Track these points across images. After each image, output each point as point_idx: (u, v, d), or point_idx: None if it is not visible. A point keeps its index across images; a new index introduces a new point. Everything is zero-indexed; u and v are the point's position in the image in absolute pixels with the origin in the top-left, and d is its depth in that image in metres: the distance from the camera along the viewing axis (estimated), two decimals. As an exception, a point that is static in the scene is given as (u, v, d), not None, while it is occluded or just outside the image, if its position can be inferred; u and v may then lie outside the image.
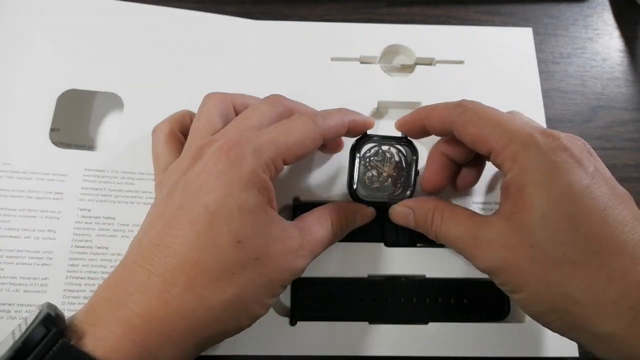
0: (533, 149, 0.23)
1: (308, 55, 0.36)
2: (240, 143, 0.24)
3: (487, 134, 0.24)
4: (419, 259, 0.31)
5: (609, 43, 0.40)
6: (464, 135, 0.25)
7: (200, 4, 0.37)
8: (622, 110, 0.38)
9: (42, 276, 0.30)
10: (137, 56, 0.35)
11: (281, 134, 0.25)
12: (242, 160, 0.23)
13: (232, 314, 0.23)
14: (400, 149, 0.30)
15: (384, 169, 0.30)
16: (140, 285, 0.22)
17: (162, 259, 0.22)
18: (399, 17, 0.40)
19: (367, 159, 0.30)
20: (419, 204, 0.28)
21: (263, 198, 0.24)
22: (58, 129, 0.34)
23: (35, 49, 0.35)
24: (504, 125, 0.24)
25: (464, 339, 0.30)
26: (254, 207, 0.23)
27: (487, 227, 0.24)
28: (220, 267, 0.22)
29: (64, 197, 0.31)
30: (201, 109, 0.28)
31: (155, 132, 0.30)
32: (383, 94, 0.36)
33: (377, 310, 0.30)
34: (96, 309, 0.22)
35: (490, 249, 0.23)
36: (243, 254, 0.22)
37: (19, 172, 0.31)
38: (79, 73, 0.34)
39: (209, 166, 0.23)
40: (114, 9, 0.36)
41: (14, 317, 0.29)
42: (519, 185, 0.23)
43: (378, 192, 0.30)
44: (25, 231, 0.30)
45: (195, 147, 0.25)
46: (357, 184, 0.29)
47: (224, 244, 0.22)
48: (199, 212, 0.22)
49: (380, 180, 0.30)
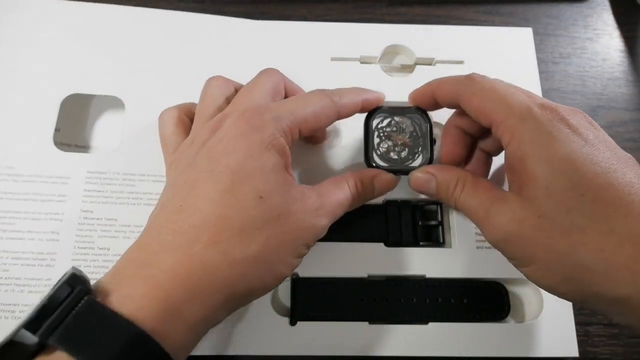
0: (530, 121, 0.23)
1: (308, 55, 0.36)
2: (261, 111, 0.25)
3: (489, 106, 0.24)
4: (419, 259, 0.31)
5: (609, 43, 0.40)
6: (468, 107, 0.26)
7: (200, 4, 0.37)
8: (622, 110, 0.38)
9: (46, 277, 0.30)
10: (138, 59, 0.35)
11: (300, 106, 0.26)
12: (264, 125, 0.24)
13: (256, 271, 0.23)
14: (413, 118, 0.30)
15: (399, 138, 0.30)
16: (165, 244, 0.22)
17: (186, 218, 0.22)
18: (399, 17, 0.40)
19: (380, 130, 0.30)
20: (443, 171, 0.27)
21: (282, 161, 0.25)
22: (58, 129, 0.34)
23: (39, 53, 0.35)
24: (505, 98, 0.24)
25: (464, 339, 0.30)
26: (274, 167, 0.24)
27: (499, 201, 0.24)
28: (243, 223, 0.22)
29: (67, 199, 0.31)
30: (205, 91, 0.29)
31: (163, 117, 0.30)
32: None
33: (377, 310, 0.30)
34: (121, 270, 0.22)
35: (499, 221, 0.23)
36: (265, 210, 0.23)
37: (24, 176, 0.32)
38: (82, 77, 0.35)
39: (230, 132, 0.24)
40: (115, 13, 0.37)
41: (18, 317, 0.29)
42: (519, 158, 0.23)
43: (396, 163, 0.30)
44: (30, 233, 0.31)
45: (213, 121, 0.26)
46: (373, 154, 0.29)
47: (247, 200, 0.23)
48: (221, 171, 0.23)
49: (397, 151, 0.30)
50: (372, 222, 0.32)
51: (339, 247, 0.31)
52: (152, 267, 0.21)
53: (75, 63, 0.35)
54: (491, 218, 0.24)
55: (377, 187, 0.29)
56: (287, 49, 0.37)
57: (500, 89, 0.25)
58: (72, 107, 0.35)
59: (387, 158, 0.30)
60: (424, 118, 0.30)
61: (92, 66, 0.35)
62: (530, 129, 0.23)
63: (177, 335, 0.21)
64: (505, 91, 0.24)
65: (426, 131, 0.30)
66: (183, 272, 0.21)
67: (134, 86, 0.35)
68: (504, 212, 0.23)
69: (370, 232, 0.32)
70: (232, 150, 0.24)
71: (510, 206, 0.23)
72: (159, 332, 0.20)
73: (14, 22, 0.36)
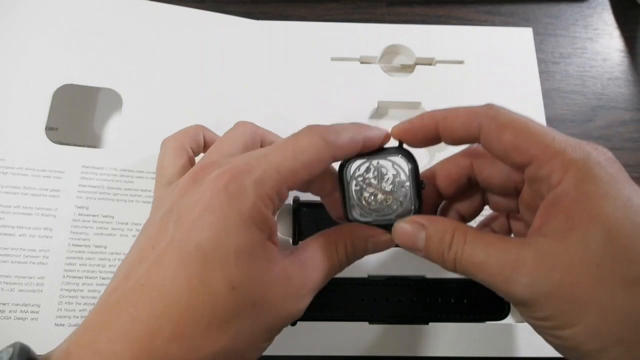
0: (590, 159, 0.20)
1: (308, 55, 0.36)
2: (242, 173, 0.21)
3: (528, 141, 0.21)
4: (419, 259, 0.31)
5: (609, 43, 0.40)
6: (497, 141, 0.22)
7: (200, 4, 0.37)
8: (622, 110, 0.38)
9: (38, 275, 0.29)
10: (136, 52, 0.35)
11: (287, 157, 0.22)
12: (242, 194, 0.21)
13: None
14: (394, 162, 0.25)
15: (380, 186, 0.26)
16: (122, 334, 0.19)
17: (147, 303, 0.20)
18: (399, 17, 0.40)
19: (358, 178, 0.25)
20: (434, 221, 0.23)
21: (263, 235, 0.21)
22: (56, 128, 0.34)
23: (32, 43, 0.34)
24: (545, 134, 0.21)
25: (464, 339, 0.30)
26: (252, 248, 0.21)
27: (530, 248, 0.20)
28: (212, 315, 0.20)
29: (61, 194, 0.31)
30: (227, 132, 0.26)
31: (164, 144, 0.28)
32: (383, 94, 0.36)
33: (377, 310, 0.30)
34: (73, 356, 0.20)
35: (537, 272, 0.19)
36: (239, 300, 0.20)
37: (14, 168, 0.31)
38: (76, 68, 0.34)
39: (205, 198, 0.21)
40: (113, 4, 0.36)
41: (8, 317, 0.28)
42: (577, 197, 0.20)
43: (379, 214, 0.25)
44: (21, 229, 0.30)
45: (195, 168, 0.23)
46: (351, 208, 0.25)
47: (218, 290, 0.20)
48: (191, 251, 0.20)
49: (378, 200, 0.25)
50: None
51: (339, 247, 0.31)
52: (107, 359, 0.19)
53: (70, 54, 0.34)
54: (523, 270, 0.20)
55: (371, 249, 0.25)
56: (287, 49, 0.37)
57: (531, 122, 0.22)
58: (69, 103, 0.34)
59: (368, 210, 0.25)
60: (407, 159, 0.25)
61: (87, 58, 0.34)
62: (589, 167, 0.20)
63: None
64: (538, 126, 0.22)
65: (411, 175, 0.25)
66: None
67: (131, 80, 0.34)
68: (542, 259, 0.19)
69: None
70: (205, 226, 0.20)
71: (551, 251, 0.19)
72: None
73: (5, 12, 0.35)
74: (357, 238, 0.25)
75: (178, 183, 0.23)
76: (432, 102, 0.36)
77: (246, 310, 0.20)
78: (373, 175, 0.25)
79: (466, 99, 0.35)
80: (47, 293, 0.29)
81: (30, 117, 0.32)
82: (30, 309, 0.29)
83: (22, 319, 0.28)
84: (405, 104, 0.36)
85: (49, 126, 0.33)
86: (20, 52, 0.34)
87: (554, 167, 0.20)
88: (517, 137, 0.21)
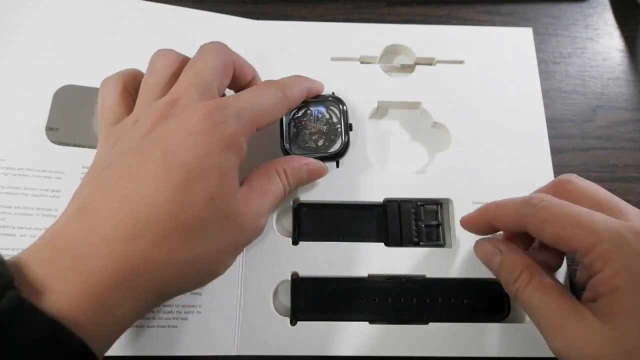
0: (626, 250, 0.21)
1: (308, 55, 0.36)
2: (222, 106, 0.24)
3: (569, 233, 0.23)
4: (419, 259, 0.31)
5: (609, 43, 0.40)
6: (542, 236, 0.24)
7: (200, 4, 0.37)
8: (622, 110, 0.38)
9: None
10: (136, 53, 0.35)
11: (256, 101, 0.26)
12: (225, 123, 0.23)
13: (196, 271, 0.23)
14: (328, 106, 0.32)
15: (314, 126, 0.31)
16: (105, 237, 0.21)
17: (131, 210, 0.21)
18: (399, 17, 0.40)
19: (296, 120, 0.31)
20: (512, 252, 0.26)
21: (237, 161, 0.24)
22: (57, 129, 0.34)
23: (32, 43, 0.34)
24: (585, 223, 0.22)
25: (464, 339, 0.30)
26: (229, 168, 0.24)
27: (578, 317, 0.22)
28: (192, 223, 0.22)
29: (61, 195, 0.31)
30: (151, 65, 0.28)
31: (106, 84, 0.28)
32: (383, 94, 0.36)
33: (377, 310, 0.30)
34: (54, 258, 0.20)
35: (576, 339, 0.22)
36: (215, 211, 0.23)
37: (14, 169, 0.31)
38: (75, 68, 0.34)
39: (189, 124, 0.23)
40: (113, 4, 0.36)
41: None
42: (613, 287, 0.21)
43: (313, 150, 0.31)
44: (21, 229, 0.30)
45: (162, 102, 0.25)
46: (289, 143, 0.31)
47: (199, 200, 0.22)
48: (177, 166, 0.22)
49: (314, 139, 0.31)
50: (372, 222, 0.32)
51: (339, 247, 0.31)
52: (88, 261, 0.20)
53: (70, 54, 0.34)
54: (566, 331, 0.22)
55: (306, 174, 0.29)
56: (287, 49, 0.37)
57: (572, 212, 0.23)
58: (69, 104, 0.34)
59: (303, 147, 0.31)
60: (338, 104, 0.31)
61: (86, 58, 0.35)
62: (627, 258, 0.21)
63: (105, 331, 0.20)
64: (579, 214, 0.23)
65: (341, 117, 0.31)
66: (121, 270, 0.20)
67: None
68: (583, 332, 0.22)
69: (371, 232, 0.32)
70: (191, 146, 0.22)
71: (592, 329, 0.22)
72: (87, 330, 0.19)
73: (6, 11, 0.35)
74: (293, 164, 0.29)
75: (140, 119, 0.25)
76: (432, 102, 0.36)
77: (220, 221, 0.23)
78: (309, 118, 0.31)
79: (466, 99, 0.36)
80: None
81: (30, 118, 0.32)
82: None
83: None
84: (405, 104, 0.36)
85: (49, 127, 0.33)
86: (20, 52, 0.34)
87: (595, 257, 0.22)
88: (559, 230, 0.23)
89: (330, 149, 0.31)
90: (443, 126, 0.35)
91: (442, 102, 0.36)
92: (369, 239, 0.32)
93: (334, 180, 0.33)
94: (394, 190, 0.33)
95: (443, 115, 0.35)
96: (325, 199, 0.32)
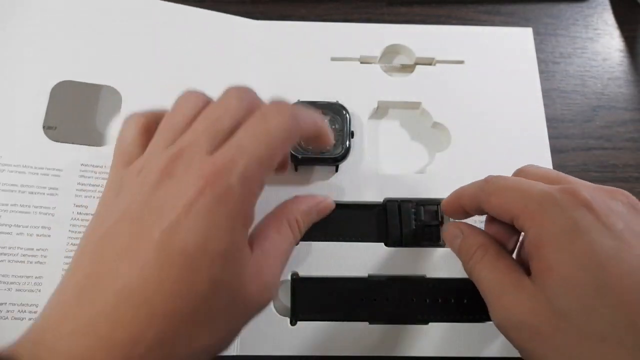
0: (550, 206, 0.21)
1: (308, 55, 0.36)
2: (225, 169, 0.20)
3: (508, 201, 0.23)
4: (419, 259, 0.31)
5: (609, 43, 0.40)
6: (490, 208, 0.24)
7: (200, 3, 0.37)
8: (622, 110, 0.38)
9: (36, 274, 0.29)
10: (135, 50, 0.35)
11: (262, 144, 0.21)
12: (229, 194, 0.20)
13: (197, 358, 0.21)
14: (334, 114, 0.33)
15: None
16: (104, 338, 0.19)
17: (132, 307, 0.19)
18: (399, 17, 0.40)
19: None
20: (471, 233, 0.26)
21: (246, 232, 0.22)
22: (55, 127, 0.33)
23: (30, 38, 0.34)
24: (523, 189, 0.23)
25: (464, 339, 0.30)
26: (237, 247, 0.21)
27: (516, 284, 0.22)
28: (195, 316, 0.20)
29: (59, 192, 0.31)
30: (176, 104, 0.25)
31: (128, 120, 0.25)
32: (383, 94, 0.36)
33: (377, 310, 0.30)
34: None
35: (512, 307, 0.21)
36: (220, 299, 0.20)
37: (12, 166, 0.31)
38: (74, 64, 0.34)
39: (189, 194, 0.20)
40: (113, 0, 0.36)
41: (5, 317, 0.28)
42: (538, 245, 0.21)
43: (314, 153, 0.32)
44: (18, 227, 0.30)
45: (170, 155, 0.21)
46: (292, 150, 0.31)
47: (202, 290, 0.20)
48: (177, 253, 0.19)
49: None
50: (372, 222, 0.32)
51: (339, 247, 0.31)
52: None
53: (68, 50, 0.34)
54: (503, 300, 0.22)
55: (315, 215, 0.28)
56: (287, 49, 0.37)
57: (518, 183, 0.23)
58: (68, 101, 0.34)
59: (305, 148, 0.32)
60: (341, 112, 0.33)
61: (86, 55, 0.34)
62: (550, 214, 0.21)
63: None
64: (521, 184, 0.23)
65: (344, 124, 0.32)
66: None
67: (131, 78, 0.34)
68: (519, 300, 0.21)
69: (371, 232, 0.32)
70: (191, 229, 0.19)
71: (527, 293, 0.21)
72: None
73: (3, 6, 0.35)
74: (303, 209, 0.27)
75: (144, 170, 0.22)
76: (432, 102, 0.36)
77: (226, 307, 0.21)
78: None
79: (466, 99, 0.36)
80: (46, 293, 0.29)
81: (28, 114, 0.32)
82: (28, 309, 0.28)
83: (20, 319, 0.28)
84: (405, 104, 0.36)
85: (47, 123, 0.32)
86: (18, 47, 0.34)
87: (525, 219, 0.22)
88: (500, 199, 0.23)
89: (331, 154, 0.32)
90: (443, 126, 0.35)
91: (442, 102, 0.36)
92: (369, 239, 0.32)
93: (334, 180, 0.33)
94: (394, 190, 0.33)
95: (443, 115, 0.35)
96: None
